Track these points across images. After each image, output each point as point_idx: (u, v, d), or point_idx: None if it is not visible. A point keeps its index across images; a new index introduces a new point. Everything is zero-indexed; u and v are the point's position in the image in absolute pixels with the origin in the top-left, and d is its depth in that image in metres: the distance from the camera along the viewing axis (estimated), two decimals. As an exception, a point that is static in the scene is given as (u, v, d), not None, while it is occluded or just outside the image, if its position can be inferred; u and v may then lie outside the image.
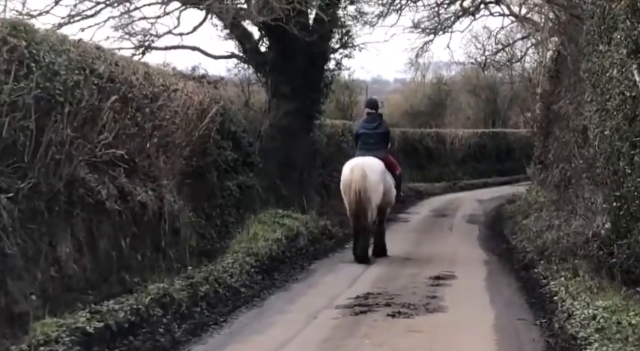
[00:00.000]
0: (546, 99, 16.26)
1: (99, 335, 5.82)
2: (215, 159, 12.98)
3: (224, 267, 8.83)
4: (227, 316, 7.45)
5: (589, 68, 10.92)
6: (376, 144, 11.47)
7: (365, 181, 10.76)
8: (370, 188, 10.79)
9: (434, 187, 26.12)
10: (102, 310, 6.15)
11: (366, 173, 10.81)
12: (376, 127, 11.67)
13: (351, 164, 11.14)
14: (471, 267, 10.87)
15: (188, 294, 7.41)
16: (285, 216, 12.89)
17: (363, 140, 11.64)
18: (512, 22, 24.98)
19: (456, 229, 16.02)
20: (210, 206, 12.68)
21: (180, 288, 7.41)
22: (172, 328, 6.68)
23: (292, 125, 17.57)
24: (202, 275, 8.16)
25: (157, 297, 6.86)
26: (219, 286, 8.14)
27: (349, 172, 10.96)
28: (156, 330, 6.47)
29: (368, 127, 11.68)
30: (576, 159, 12.07)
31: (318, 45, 17.68)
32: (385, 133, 11.82)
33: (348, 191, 10.88)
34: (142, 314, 6.47)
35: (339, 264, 11.01)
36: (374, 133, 11.58)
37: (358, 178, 10.77)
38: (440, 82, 36.88)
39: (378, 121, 11.89)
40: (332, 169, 21.62)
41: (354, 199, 10.74)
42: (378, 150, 11.39)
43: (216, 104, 12.63)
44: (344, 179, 11.13)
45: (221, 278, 8.33)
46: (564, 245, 10.55)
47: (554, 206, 13.91)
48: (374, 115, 11.94)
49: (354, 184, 10.76)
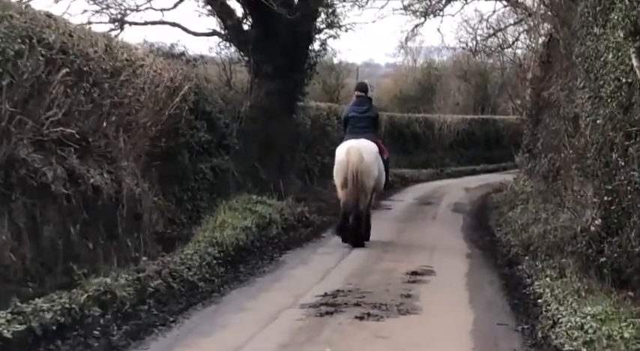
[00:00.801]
0: (536, 85, 15.46)
1: (18, 340, 5.02)
2: (188, 140, 12.21)
3: (182, 258, 8.01)
4: (178, 315, 6.66)
5: (582, 53, 10.13)
6: (366, 128, 11.22)
7: (362, 163, 10.53)
8: (366, 170, 10.60)
9: (420, 174, 25.30)
10: (25, 310, 5.31)
11: (362, 156, 10.58)
12: (366, 110, 11.41)
13: (347, 146, 10.81)
14: (451, 261, 10.12)
15: (135, 290, 6.60)
16: (259, 202, 12.10)
17: (352, 123, 11.34)
18: (505, 7, 24.11)
19: (439, 219, 15.25)
20: (182, 190, 11.95)
21: (126, 283, 6.59)
22: (110, 330, 5.88)
23: (274, 106, 16.81)
24: (155, 268, 7.33)
25: (95, 294, 6.05)
26: (174, 281, 7.33)
27: (345, 154, 10.65)
28: (90, 333, 5.67)
29: (358, 111, 11.39)
30: (566, 149, 11.31)
31: (302, 24, 16.90)
32: (374, 117, 11.60)
33: (344, 173, 10.58)
34: (75, 315, 5.67)
35: (312, 255, 10.25)
36: (364, 117, 11.32)
37: (355, 160, 10.50)
38: (430, 67, 36.00)
39: (367, 104, 11.61)
40: (315, 153, 20.89)
41: (351, 180, 10.46)
42: (367, 133, 11.13)
43: (189, 82, 11.82)
44: (339, 161, 10.79)
45: (177, 271, 7.53)
46: (551, 240, 9.81)
47: (541, 197, 13.17)
48: (364, 99, 11.68)
49: (352, 166, 10.50)
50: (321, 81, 26.21)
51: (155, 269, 7.29)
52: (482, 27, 26.01)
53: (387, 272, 9.05)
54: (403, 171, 23.87)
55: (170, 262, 7.72)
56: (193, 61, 17.33)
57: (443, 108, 32.51)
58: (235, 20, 17.28)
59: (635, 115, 8.36)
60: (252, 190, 14.72)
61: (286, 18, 16.27)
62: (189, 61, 17.27)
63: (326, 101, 24.55)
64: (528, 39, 22.27)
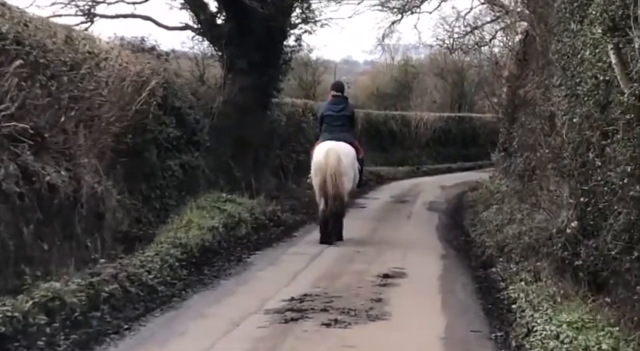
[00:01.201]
0: (513, 83, 15.16)
1: (-49, 353, 4.61)
2: (156, 136, 11.76)
3: (142, 261, 7.58)
4: (134, 322, 6.24)
5: (559, 49, 9.82)
6: (342, 126, 11.30)
7: (340, 166, 10.64)
8: (344, 172, 10.71)
9: (396, 171, 24.97)
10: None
11: (341, 158, 10.70)
12: (342, 109, 11.46)
13: (325, 148, 10.89)
14: (425, 262, 9.78)
15: (87, 295, 6.17)
16: (229, 200, 11.67)
17: (328, 122, 11.40)
18: (482, 4, 23.83)
19: (414, 218, 14.93)
20: (149, 187, 11.51)
21: (78, 288, 6.16)
22: (57, 340, 5.46)
23: (248, 102, 16.42)
24: (111, 271, 6.89)
25: (42, 301, 5.62)
26: (132, 285, 6.90)
27: (324, 156, 10.73)
28: (34, 343, 5.25)
29: (334, 109, 11.45)
30: (542, 148, 11.01)
31: (277, 19, 16.52)
32: (350, 116, 11.62)
33: (322, 175, 10.67)
34: (18, 323, 5.24)
35: (282, 256, 9.86)
36: (340, 116, 11.37)
37: (334, 163, 10.61)
38: (407, 64, 35.67)
39: (343, 103, 11.67)
40: (291, 150, 20.50)
41: (330, 182, 10.56)
42: (344, 132, 11.25)
43: (157, 76, 11.38)
44: (317, 162, 10.86)
45: (135, 275, 7.09)
46: (526, 242, 9.49)
47: (516, 197, 12.88)
48: (340, 98, 11.73)
49: (330, 168, 10.59)
50: (297, 77, 25.87)
51: (111, 273, 6.84)
52: (459, 25, 25.74)
53: (358, 274, 8.69)
54: (379, 169, 23.53)
55: (129, 265, 7.28)
56: (165, 56, 16.94)
57: (420, 105, 32.21)
58: (208, 14, 16.84)
59: (612, 113, 8.05)
60: (225, 188, 14.33)
61: (261, 12, 15.89)
62: (161, 56, 16.89)
63: (302, 98, 24.15)
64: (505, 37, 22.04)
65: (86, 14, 15.51)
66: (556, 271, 8.33)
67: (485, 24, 27.08)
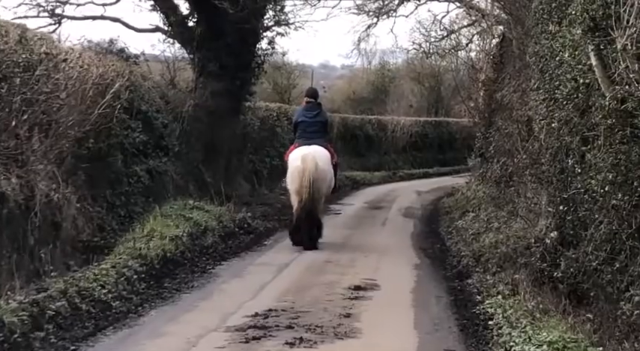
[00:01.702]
0: (489, 87, 14.80)
1: None
2: (121, 141, 11.26)
3: (96, 274, 7.05)
4: (81, 343, 5.73)
5: (536, 52, 9.44)
6: (316, 133, 11.32)
7: (317, 171, 10.60)
8: (321, 177, 10.70)
9: (372, 177, 24.50)
10: None
11: (317, 163, 10.66)
12: (316, 115, 11.47)
13: (301, 153, 10.84)
14: (398, 273, 9.33)
15: (30, 314, 5.64)
16: (196, 208, 11.16)
17: (302, 128, 11.38)
18: (458, 7, 23.49)
19: (389, 225, 14.49)
20: (114, 194, 11.01)
21: (20, 307, 5.63)
22: (-9, 365, 4.96)
23: (220, 107, 15.96)
24: (60, 287, 6.36)
25: (-25, 322, 5.11)
26: (82, 301, 6.38)
27: (301, 162, 10.68)
28: (-37, 370, 4.75)
29: (308, 116, 11.45)
30: (519, 153, 10.65)
31: (249, 21, 16.02)
32: (324, 122, 11.67)
33: (300, 180, 10.60)
34: (-55, 349, 4.73)
35: (250, 266, 9.35)
36: (313, 122, 11.38)
37: (311, 168, 10.55)
38: (384, 68, 35.25)
39: (317, 109, 11.66)
40: (264, 155, 20.02)
41: (307, 188, 10.50)
42: (317, 138, 11.25)
43: (121, 79, 10.86)
44: (294, 168, 10.79)
45: (87, 290, 6.57)
46: (503, 251, 9.11)
47: (493, 204, 12.50)
48: (313, 104, 11.73)
49: (307, 173, 10.54)
50: (272, 81, 25.39)
51: (60, 288, 6.32)
52: (436, 29, 25.39)
53: (328, 286, 8.21)
54: (355, 174, 23.07)
55: (81, 279, 6.76)
56: (134, 58, 16.43)
57: (396, 110, 31.79)
58: (179, 16, 16.36)
59: (592, 118, 7.68)
60: (195, 194, 13.84)
61: (233, 15, 15.44)
62: (130, 58, 16.37)
63: (277, 102, 23.66)
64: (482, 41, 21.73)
65: (51, 15, 14.91)
66: (534, 282, 7.93)
67: (461, 28, 26.80)
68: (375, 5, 24.68)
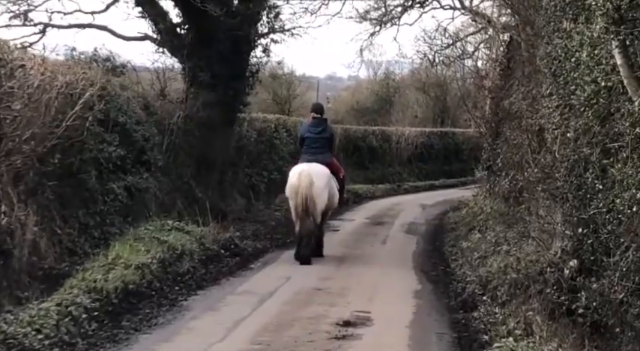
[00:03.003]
0: (496, 94, 13.66)
1: None
2: (95, 156, 10.20)
3: (32, 316, 5.91)
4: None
5: (548, 53, 8.35)
6: (321, 148, 11.36)
7: (312, 188, 10.65)
8: (316, 195, 10.70)
9: (376, 189, 23.30)
10: None
11: (312, 180, 10.69)
12: (321, 131, 11.51)
13: (298, 170, 10.94)
14: (395, 303, 8.19)
15: None
16: (175, 229, 10.04)
17: (307, 144, 11.42)
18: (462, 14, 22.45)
19: (390, 243, 13.34)
20: (88, 214, 9.98)
21: None
22: None
23: (212, 118, 14.93)
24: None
25: None
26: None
27: (297, 179, 10.77)
28: None
29: (313, 131, 11.49)
30: (529, 166, 9.53)
31: (242, 28, 15.00)
32: (329, 138, 11.73)
33: (295, 197, 10.75)
34: None
35: (228, 296, 8.21)
36: (319, 138, 11.42)
37: (306, 185, 10.62)
38: (388, 78, 34.07)
39: (322, 125, 11.68)
40: (262, 168, 18.94)
41: (300, 205, 10.61)
42: (323, 153, 11.30)
43: (91, 88, 9.81)
44: (291, 184, 10.90)
45: (16, 338, 5.44)
46: (513, 278, 7.97)
47: (501, 220, 11.37)
48: (319, 120, 11.74)
49: (302, 190, 10.62)
50: (271, 91, 24.34)
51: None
52: (441, 37, 24.36)
53: (313, 322, 7.09)
54: (357, 187, 21.88)
55: (13, 322, 5.64)
56: (120, 68, 15.43)
57: (401, 120, 30.64)
58: (168, 23, 15.29)
59: (616, 126, 6.58)
60: (185, 212, 12.77)
61: (225, 21, 14.48)
62: (116, 68, 15.38)
63: (276, 113, 22.61)
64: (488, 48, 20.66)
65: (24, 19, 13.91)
66: (550, 316, 6.81)
67: (467, 36, 25.78)
68: (377, 14, 23.78)
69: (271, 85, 23.47)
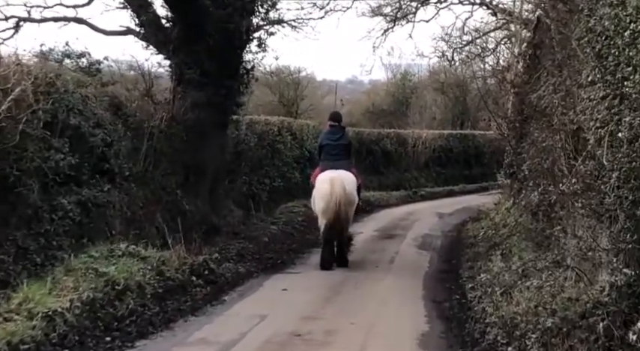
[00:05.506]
0: (521, 88, 11.54)
1: None
2: (39, 165, 8.33)
3: None
4: None
5: (591, 28, 6.28)
6: (339, 155, 11.38)
7: (345, 194, 10.64)
8: (348, 201, 10.74)
9: (390, 197, 21.15)
10: None
11: (345, 186, 10.69)
12: (338, 138, 11.53)
13: (329, 176, 10.87)
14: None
15: None
16: (128, 254, 8.05)
17: (326, 151, 11.42)
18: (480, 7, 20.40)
19: (399, 262, 11.29)
20: (29, 235, 8.15)
21: None
22: None
23: (202, 120, 13.12)
24: None
25: None
26: None
27: (329, 185, 10.70)
28: None
29: (331, 139, 11.52)
30: (565, 175, 7.46)
31: (234, 20, 13.13)
32: (347, 145, 11.69)
33: (327, 202, 10.63)
34: None
35: (175, 349, 6.22)
36: (337, 145, 11.43)
37: (340, 191, 10.59)
38: (404, 78, 31.86)
39: (340, 132, 11.69)
40: (263, 175, 17.04)
41: (334, 210, 10.53)
42: (342, 160, 11.32)
43: (25, 83, 7.94)
44: (323, 191, 10.76)
45: None
46: (547, 322, 5.92)
47: (528, 237, 9.29)
48: (337, 128, 11.75)
49: (336, 196, 10.57)
50: (278, 93, 22.38)
51: None
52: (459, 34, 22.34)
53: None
54: (369, 194, 19.76)
55: None
56: (96, 64, 13.65)
57: (418, 123, 28.46)
58: (152, 14, 13.45)
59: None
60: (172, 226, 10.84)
61: (215, 12, 12.66)
62: (92, 65, 13.60)
63: (283, 115, 20.64)
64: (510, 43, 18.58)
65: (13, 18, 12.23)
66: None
67: (488, 32, 23.75)
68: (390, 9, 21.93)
69: (277, 86, 21.50)
